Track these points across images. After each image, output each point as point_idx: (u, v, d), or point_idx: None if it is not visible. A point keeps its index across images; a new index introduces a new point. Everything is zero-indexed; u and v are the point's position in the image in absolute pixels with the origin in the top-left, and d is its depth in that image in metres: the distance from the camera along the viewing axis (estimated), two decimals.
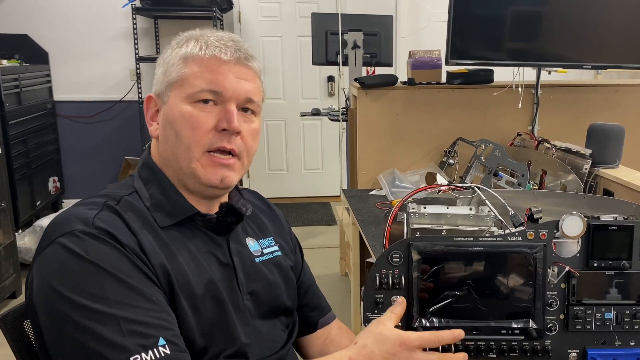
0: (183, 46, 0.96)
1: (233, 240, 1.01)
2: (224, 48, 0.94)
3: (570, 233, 0.98)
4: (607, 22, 2.23)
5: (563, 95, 2.52)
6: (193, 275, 0.91)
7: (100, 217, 0.87)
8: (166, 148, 0.96)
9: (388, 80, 2.48)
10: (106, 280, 0.82)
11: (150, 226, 0.92)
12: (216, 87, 0.93)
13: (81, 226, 0.85)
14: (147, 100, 0.99)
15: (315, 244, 4.08)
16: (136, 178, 0.98)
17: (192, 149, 0.93)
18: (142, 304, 0.82)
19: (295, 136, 5.17)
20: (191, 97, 0.93)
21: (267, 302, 1.03)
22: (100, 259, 0.82)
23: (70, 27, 4.54)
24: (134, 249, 0.86)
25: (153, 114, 0.99)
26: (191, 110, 0.93)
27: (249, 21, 4.89)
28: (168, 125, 0.95)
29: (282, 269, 1.09)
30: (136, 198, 0.95)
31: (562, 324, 1.01)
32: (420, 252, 0.97)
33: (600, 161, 1.90)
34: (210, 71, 0.93)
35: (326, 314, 1.21)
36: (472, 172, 2.20)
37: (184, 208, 0.96)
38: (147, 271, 0.86)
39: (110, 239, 0.85)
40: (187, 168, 0.94)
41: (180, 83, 0.94)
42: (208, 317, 0.92)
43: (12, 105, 3.74)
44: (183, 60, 0.94)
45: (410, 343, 0.86)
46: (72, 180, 4.71)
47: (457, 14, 2.16)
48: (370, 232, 1.89)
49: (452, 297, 0.98)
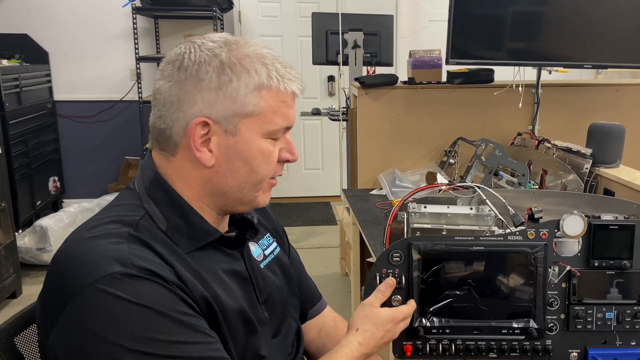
0: (251, 73, 0.87)
1: (245, 253, 0.99)
2: (295, 81, 0.91)
3: (571, 232, 0.98)
4: (607, 21, 2.23)
5: (563, 95, 2.52)
6: (226, 302, 0.89)
7: (134, 252, 0.81)
8: (230, 180, 0.90)
9: (388, 79, 2.47)
10: (162, 322, 0.78)
11: (176, 253, 0.86)
12: (290, 123, 0.92)
13: (120, 267, 0.78)
14: (200, 124, 0.86)
15: (315, 244, 4.08)
16: (144, 197, 0.90)
17: (262, 182, 0.92)
18: (201, 339, 0.81)
19: (295, 136, 5.15)
20: (271, 134, 0.90)
21: (277, 307, 1.03)
22: (150, 300, 0.78)
23: (70, 26, 4.53)
24: (177, 283, 0.82)
25: (206, 140, 0.87)
26: (269, 147, 0.90)
27: (249, 21, 4.88)
28: (239, 159, 0.88)
29: (283, 266, 1.08)
30: (149, 222, 0.87)
31: (562, 323, 1.01)
32: (420, 251, 0.97)
33: (601, 161, 1.89)
34: (287, 107, 0.90)
35: (315, 304, 1.19)
36: (473, 172, 2.20)
37: (207, 232, 0.91)
38: (193, 303, 0.83)
39: (154, 277, 0.80)
40: (250, 197, 0.92)
41: (257, 118, 0.87)
42: (241, 338, 0.91)
43: (12, 105, 3.74)
44: (257, 91, 0.87)
45: (397, 318, 0.97)
46: (72, 180, 4.71)
47: (458, 13, 2.16)
48: (370, 231, 1.88)
49: (452, 297, 0.98)
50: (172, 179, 0.90)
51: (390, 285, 0.99)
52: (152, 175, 0.91)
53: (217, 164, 0.88)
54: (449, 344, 1.00)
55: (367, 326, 0.96)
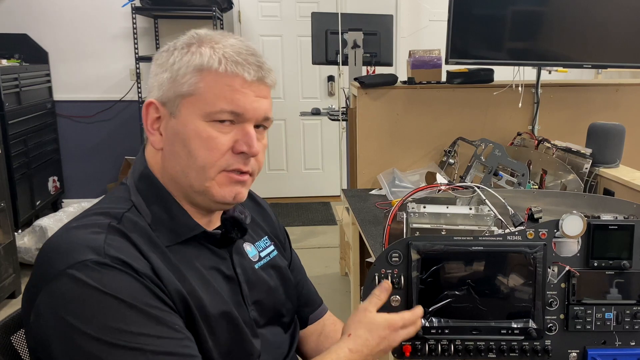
0: (196, 53, 0.87)
1: (235, 252, 0.98)
2: (246, 65, 0.87)
3: (571, 232, 0.98)
4: (607, 21, 2.22)
5: (563, 95, 2.52)
6: (206, 297, 0.88)
7: (110, 243, 0.82)
8: (174, 165, 0.89)
9: (388, 79, 2.47)
10: (128, 313, 0.78)
11: (156, 246, 0.87)
12: (237, 108, 0.86)
13: (93, 256, 0.79)
14: (148, 106, 0.90)
15: (315, 244, 4.08)
16: (133, 190, 0.91)
17: (207, 170, 0.87)
18: (167, 333, 0.80)
19: (295, 136, 5.17)
20: (209, 115, 0.86)
21: (270, 309, 1.01)
22: (118, 290, 0.78)
23: (70, 26, 4.53)
24: (150, 276, 0.82)
25: (154, 122, 0.90)
26: (208, 129, 0.86)
27: (249, 21, 4.88)
28: (178, 141, 0.87)
29: (280, 270, 1.06)
30: (136, 214, 0.88)
31: (562, 323, 1.00)
32: (419, 251, 0.97)
33: (601, 161, 1.89)
34: (231, 91, 0.86)
35: (317, 309, 1.18)
36: (472, 172, 2.20)
37: (189, 227, 0.91)
38: (165, 298, 0.83)
39: (126, 268, 0.80)
40: (200, 186, 0.88)
41: (195, 98, 0.86)
42: (225, 337, 0.90)
43: (11, 104, 3.74)
44: (198, 72, 0.86)
45: (395, 324, 0.92)
46: (71, 180, 4.71)
47: (457, 13, 2.16)
48: (370, 231, 1.88)
49: (451, 297, 0.98)
50: (161, 173, 0.92)
51: (385, 288, 0.96)
52: (141, 169, 0.92)
53: (165, 146, 0.90)
54: (448, 344, 0.99)
55: (360, 332, 0.91)
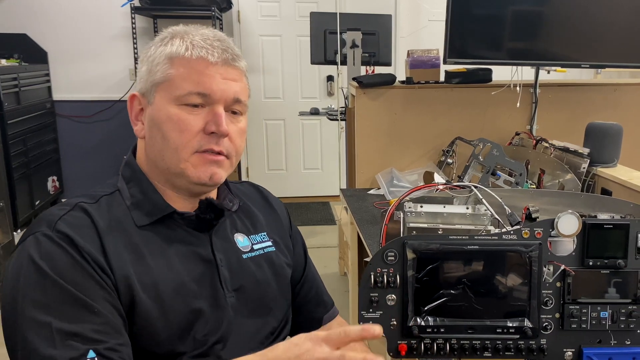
0: (168, 44, 0.94)
1: (217, 237, 1.00)
2: (210, 49, 0.93)
3: (566, 231, 0.98)
4: (606, 21, 2.22)
5: (561, 95, 2.52)
6: (162, 278, 0.91)
7: (66, 218, 0.88)
8: (153, 149, 0.95)
9: (386, 79, 2.47)
10: (50, 288, 0.81)
11: (123, 227, 0.91)
12: (204, 89, 0.92)
13: (44, 228, 0.86)
14: (131, 99, 0.98)
15: (314, 244, 4.08)
16: (120, 177, 0.99)
17: (180, 151, 0.92)
18: (82, 314, 0.82)
19: (294, 136, 5.17)
20: (178, 99, 0.92)
21: (255, 299, 1.02)
22: (50, 264, 0.82)
23: (69, 26, 4.54)
24: (92, 254, 0.85)
25: (137, 113, 0.98)
26: (178, 112, 0.92)
27: (248, 20, 4.88)
28: (154, 126, 0.94)
29: (274, 265, 1.07)
30: (117, 197, 0.95)
31: (557, 322, 1.00)
32: (415, 250, 0.97)
33: (598, 160, 1.89)
34: (197, 73, 0.92)
35: (330, 310, 1.20)
36: (471, 172, 2.20)
37: (160, 207, 0.95)
38: (100, 278, 0.85)
39: (67, 243, 0.84)
40: (176, 168, 0.93)
41: (166, 84, 0.92)
42: (177, 320, 0.91)
43: (11, 104, 3.74)
44: (169, 60, 0.93)
45: (316, 335, 0.78)
46: (71, 179, 4.72)
47: (455, 12, 2.16)
48: (367, 231, 1.88)
49: (447, 296, 0.98)
50: (144, 160, 0.98)
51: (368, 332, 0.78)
52: (127, 158, 1.00)
53: (146, 134, 0.96)
54: (443, 343, 0.99)
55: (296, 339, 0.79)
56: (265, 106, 5.03)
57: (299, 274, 1.16)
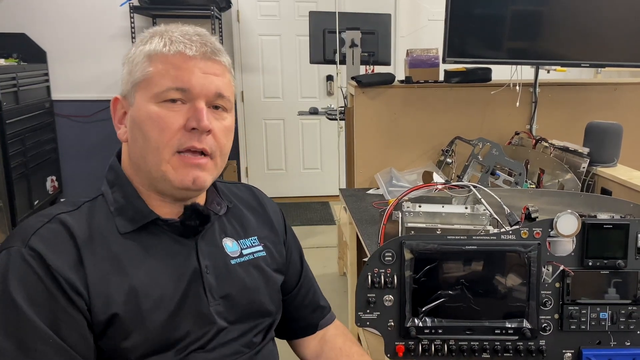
0: (147, 43, 0.92)
1: (204, 242, 0.97)
2: (189, 43, 0.90)
3: (565, 231, 0.97)
4: (606, 20, 2.22)
5: (561, 94, 2.51)
6: (143, 290, 0.88)
7: (41, 232, 0.85)
8: (135, 151, 0.93)
9: (385, 78, 2.46)
10: (12, 311, 0.79)
11: (104, 237, 0.89)
12: (182, 84, 0.88)
13: (17, 244, 0.83)
14: (114, 102, 0.95)
15: (314, 244, 4.07)
16: (104, 182, 0.96)
17: (161, 150, 0.89)
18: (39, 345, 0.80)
19: (294, 135, 5.16)
20: (158, 96, 0.89)
21: (243, 306, 0.99)
22: (13, 285, 0.80)
23: (68, 26, 4.53)
24: (63, 273, 0.83)
25: (121, 117, 0.95)
26: (158, 110, 0.89)
27: (247, 20, 4.88)
28: (135, 127, 0.91)
29: (263, 271, 1.04)
30: (101, 203, 0.93)
31: (556, 323, 1.00)
32: (412, 250, 0.97)
33: (598, 160, 1.88)
34: (175, 68, 0.89)
35: (326, 315, 1.18)
36: (470, 171, 2.19)
37: (142, 213, 0.92)
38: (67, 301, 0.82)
39: (38, 263, 0.82)
40: (157, 171, 0.90)
41: (145, 83, 0.90)
42: (157, 332, 0.88)
43: (9, 104, 3.73)
44: (147, 58, 0.90)
45: None
46: (70, 179, 4.71)
47: (455, 11, 2.15)
48: (366, 231, 1.88)
49: (445, 297, 0.97)
50: (128, 164, 0.96)
51: None
52: (111, 161, 0.98)
53: (129, 137, 0.94)
54: (441, 344, 0.99)
55: None
56: (264, 106, 5.02)
57: (294, 280, 1.14)
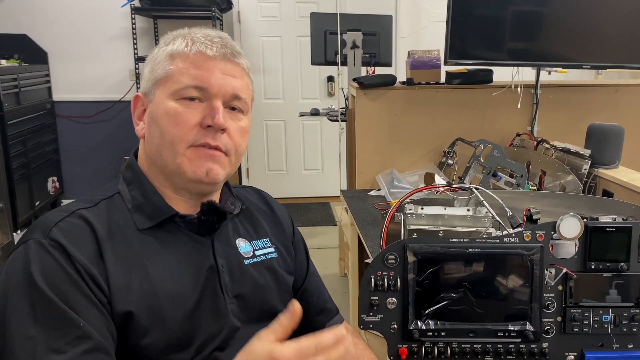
0: (170, 44, 0.95)
1: (219, 241, 0.98)
2: (210, 44, 0.93)
3: (568, 234, 0.97)
4: (607, 21, 2.22)
5: (562, 96, 2.51)
6: (162, 286, 0.89)
7: (62, 225, 0.85)
8: (151, 147, 0.95)
9: (386, 80, 2.47)
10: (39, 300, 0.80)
11: (124, 233, 0.89)
12: (201, 83, 0.91)
13: (38, 235, 0.84)
14: (135, 99, 0.99)
15: (315, 245, 4.07)
16: (120, 180, 0.97)
17: (176, 144, 0.91)
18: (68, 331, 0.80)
19: (295, 136, 5.16)
20: (176, 93, 0.92)
21: (256, 306, 1.00)
22: (37, 274, 0.80)
23: (69, 27, 4.53)
24: (85, 265, 0.83)
25: (140, 114, 0.98)
26: (176, 106, 0.91)
27: (248, 21, 4.88)
28: (153, 123, 0.94)
29: (275, 272, 1.05)
30: (118, 200, 0.93)
31: (559, 326, 1.00)
32: (415, 253, 0.97)
33: (600, 162, 1.88)
34: (195, 67, 0.92)
35: (333, 317, 1.17)
36: (471, 173, 2.19)
37: (161, 209, 0.93)
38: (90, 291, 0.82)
39: (60, 252, 0.82)
40: (172, 164, 0.92)
41: (165, 80, 0.93)
42: (176, 328, 0.89)
43: (11, 105, 3.74)
44: (169, 57, 0.93)
45: (282, 356, 0.71)
46: (71, 180, 4.71)
47: (456, 13, 2.15)
48: (368, 232, 1.88)
49: (448, 299, 0.97)
50: (145, 161, 0.98)
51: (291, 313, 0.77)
52: (129, 160, 0.99)
53: (146, 133, 0.96)
54: (444, 347, 0.99)
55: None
56: (265, 107, 5.02)
57: (300, 281, 1.14)
